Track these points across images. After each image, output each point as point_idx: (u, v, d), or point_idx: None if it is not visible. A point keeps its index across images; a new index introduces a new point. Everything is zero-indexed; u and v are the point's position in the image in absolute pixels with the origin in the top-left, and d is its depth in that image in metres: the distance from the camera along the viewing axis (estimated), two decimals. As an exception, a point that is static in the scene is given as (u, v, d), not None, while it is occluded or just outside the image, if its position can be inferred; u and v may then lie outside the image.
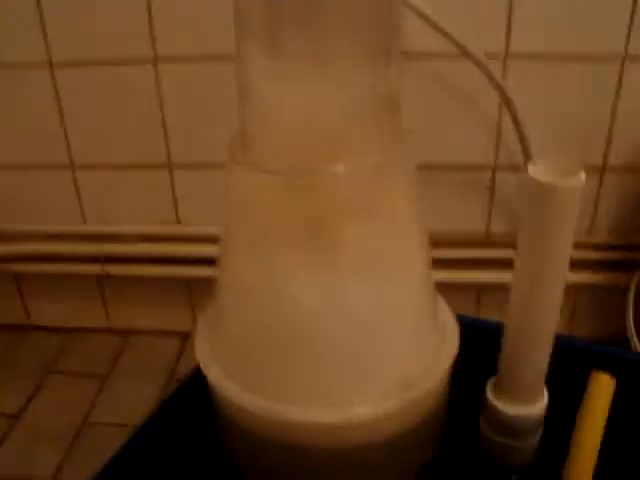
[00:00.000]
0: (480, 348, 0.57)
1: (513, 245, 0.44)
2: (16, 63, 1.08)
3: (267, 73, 0.43)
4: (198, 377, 0.51)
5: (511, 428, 0.53)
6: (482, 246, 1.10)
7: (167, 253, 1.18)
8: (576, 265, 0.98)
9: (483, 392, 0.55)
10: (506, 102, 0.95)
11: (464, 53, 0.89)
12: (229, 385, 0.49)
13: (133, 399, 1.15)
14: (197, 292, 1.27)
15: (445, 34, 0.87)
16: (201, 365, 0.51)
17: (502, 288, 0.55)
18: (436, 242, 1.06)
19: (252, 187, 0.46)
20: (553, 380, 0.52)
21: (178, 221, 1.19)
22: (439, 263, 1.06)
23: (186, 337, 1.32)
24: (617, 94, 0.99)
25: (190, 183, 1.16)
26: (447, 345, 0.54)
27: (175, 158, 1.13)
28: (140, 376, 1.21)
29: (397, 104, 0.47)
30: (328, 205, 0.43)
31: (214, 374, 0.50)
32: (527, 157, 1.00)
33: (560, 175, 0.40)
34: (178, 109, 1.08)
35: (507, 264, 0.51)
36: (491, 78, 0.91)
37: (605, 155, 1.04)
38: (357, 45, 0.43)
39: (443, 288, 1.07)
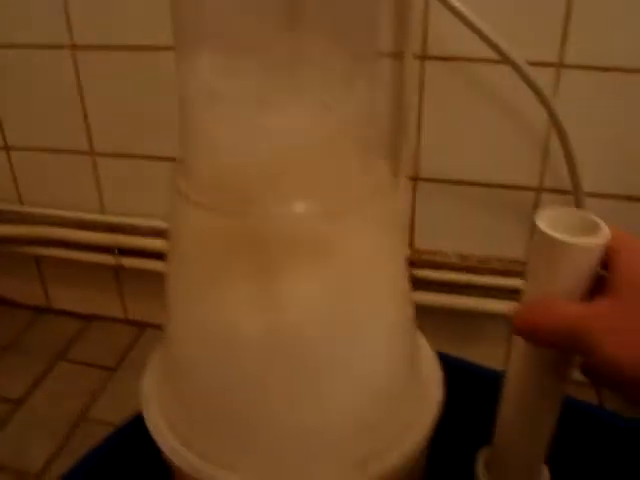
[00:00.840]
0: (474, 401, 0.49)
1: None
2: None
3: (213, 97, 0.36)
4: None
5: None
6: (520, 275, 1.00)
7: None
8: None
9: (473, 465, 0.47)
10: (553, 120, 0.84)
11: (506, 61, 0.79)
12: (183, 452, 0.43)
13: (136, 396, 1.11)
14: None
15: (486, 39, 0.77)
16: (150, 429, 0.46)
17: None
18: (469, 267, 0.99)
19: (192, 222, 0.39)
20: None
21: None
22: (469, 289, 0.97)
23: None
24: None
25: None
26: (425, 407, 0.47)
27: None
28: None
29: (367, 138, 0.39)
30: (273, 249, 0.36)
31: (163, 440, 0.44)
32: (575, 184, 0.89)
33: (575, 228, 0.33)
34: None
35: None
36: (536, 91, 0.81)
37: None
38: (308, 73, 0.35)
39: (473, 316, 0.96)
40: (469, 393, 0.54)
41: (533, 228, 0.35)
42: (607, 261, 0.33)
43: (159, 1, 0.94)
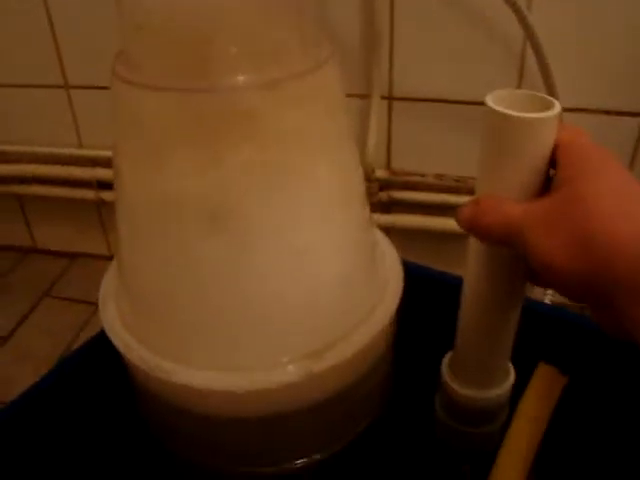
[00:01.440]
0: (439, 308, 0.50)
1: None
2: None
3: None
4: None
5: (469, 413, 0.45)
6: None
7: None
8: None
9: (438, 369, 0.48)
10: (528, 33, 0.83)
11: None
12: (135, 347, 0.44)
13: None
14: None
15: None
16: (105, 328, 0.46)
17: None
18: (447, 187, 0.99)
19: (140, 107, 0.39)
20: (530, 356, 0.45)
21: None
22: (446, 209, 0.97)
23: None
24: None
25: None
26: (385, 299, 0.47)
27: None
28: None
29: (305, 7, 0.38)
30: (212, 122, 0.36)
31: (119, 337, 0.45)
32: (551, 96, 0.88)
33: (527, 108, 0.33)
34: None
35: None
36: (513, 6, 0.80)
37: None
38: None
39: (450, 237, 0.95)
40: (434, 300, 0.54)
41: (484, 110, 0.34)
42: (556, 158, 0.33)
43: None
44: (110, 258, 1.26)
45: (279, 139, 0.36)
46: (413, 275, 0.49)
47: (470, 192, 0.99)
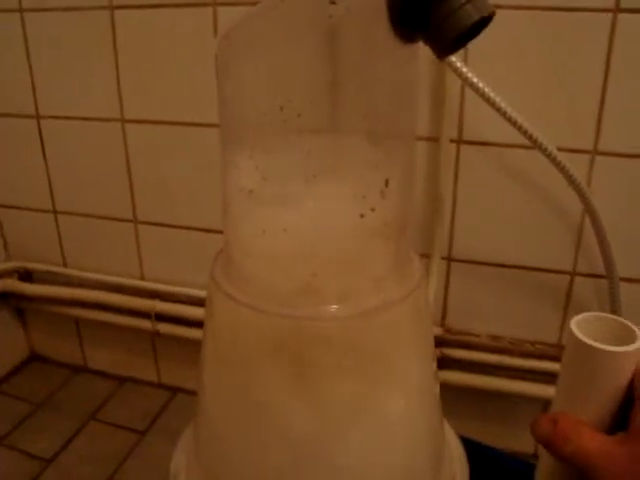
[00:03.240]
0: None
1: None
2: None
3: (253, 196, 0.38)
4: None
5: None
6: (552, 359, 0.99)
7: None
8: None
9: None
10: (586, 206, 0.85)
11: (538, 148, 0.81)
12: None
13: (163, 461, 1.11)
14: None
15: (518, 127, 0.79)
16: None
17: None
18: (500, 348, 0.98)
19: (226, 315, 0.41)
20: None
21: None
22: (500, 370, 0.96)
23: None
24: None
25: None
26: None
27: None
28: (177, 437, 1.18)
29: (399, 237, 0.41)
30: (315, 354, 0.38)
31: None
32: (609, 269, 0.89)
33: (610, 334, 0.34)
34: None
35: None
36: (568, 178, 0.82)
37: None
38: (344, 174, 0.37)
39: (503, 398, 0.93)
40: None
41: (568, 333, 0.35)
42: (635, 386, 0.34)
43: (205, 81, 0.99)
44: (159, 386, 1.30)
45: (376, 368, 0.38)
46: (474, 454, 0.49)
47: (524, 355, 0.99)
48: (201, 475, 0.47)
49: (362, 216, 0.37)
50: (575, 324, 0.35)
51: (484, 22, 0.36)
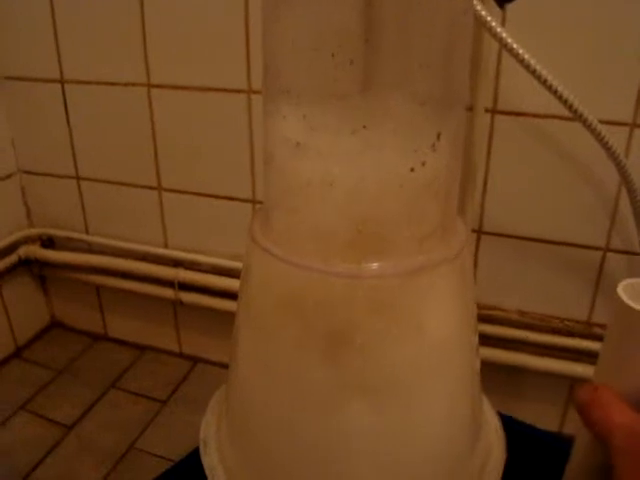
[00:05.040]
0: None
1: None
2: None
3: (300, 147, 0.37)
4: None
5: None
6: (581, 336, 0.97)
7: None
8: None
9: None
10: (624, 178, 0.83)
11: (578, 119, 0.78)
12: None
13: (184, 430, 1.12)
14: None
15: (559, 97, 0.76)
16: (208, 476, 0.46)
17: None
18: (528, 324, 0.97)
19: (264, 272, 0.40)
20: None
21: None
22: (531, 346, 0.95)
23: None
24: None
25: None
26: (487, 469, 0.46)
27: (260, 196, 1.09)
28: (197, 407, 1.18)
29: (447, 194, 0.39)
30: (353, 315, 0.36)
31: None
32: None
33: None
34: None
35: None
36: (608, 150, 0.80)
37: None
38: (390, 128, 0.35)
39: (530, 374, 0.92)
40: (531, 458, 0.53)
41: (615, 300, 0.34)
42: None
43: (235, 46, 0.97)
44: (180, 355, 1.30)
45: (420, 332, 0.37)
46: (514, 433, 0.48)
47: (552, 331, 0.97)
48: (233, 441, 0.46)
49: (412, 170, 0.36)
50: (622, 289, 0.34)
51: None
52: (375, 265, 0.36)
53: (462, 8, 0.38)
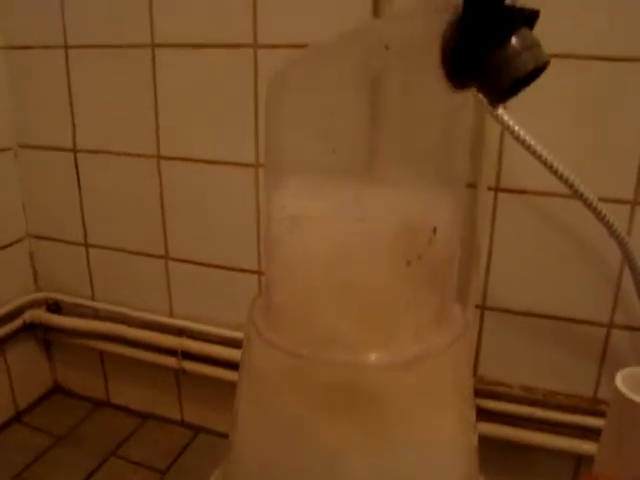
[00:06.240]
0: None
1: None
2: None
3: (300, 236, 0.38)
4: None
5: None
6: (587, 413, 0.96)
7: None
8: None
9: None
10: (626, 256, 0.83)
11: (579, 198, 0.79)
12: None
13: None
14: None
15: (559, 176, 0.78)
16: None
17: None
18: (533, 400, 0.96)
19: (264, 359, 0.40)
20: None
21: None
22: (536, 423, 0.93)
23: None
24: None
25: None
26: None
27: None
28: (197, 477, 1.16)
29: (444, 284, 0.40)
30: (353, 403, 0.37)
31: None
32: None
33: None
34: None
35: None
36: (608, 228, 0.80)
37: None
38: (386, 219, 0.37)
39: (535, 451, 0.91)
40: None
41: (613, 389, 0.34)
42: None
43: (244, 120, 1.00)
44: (182, 424, 1.28)
45: (404, 417, 0.36)
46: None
47: (557, 407, 0.96)
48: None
49: (409, 263, 0.37)
50: (620, 379, 0.34)
51: (539, 71, 0.36)
52: (373, 356, 0.37)
53: (460, 103, 0.39)
